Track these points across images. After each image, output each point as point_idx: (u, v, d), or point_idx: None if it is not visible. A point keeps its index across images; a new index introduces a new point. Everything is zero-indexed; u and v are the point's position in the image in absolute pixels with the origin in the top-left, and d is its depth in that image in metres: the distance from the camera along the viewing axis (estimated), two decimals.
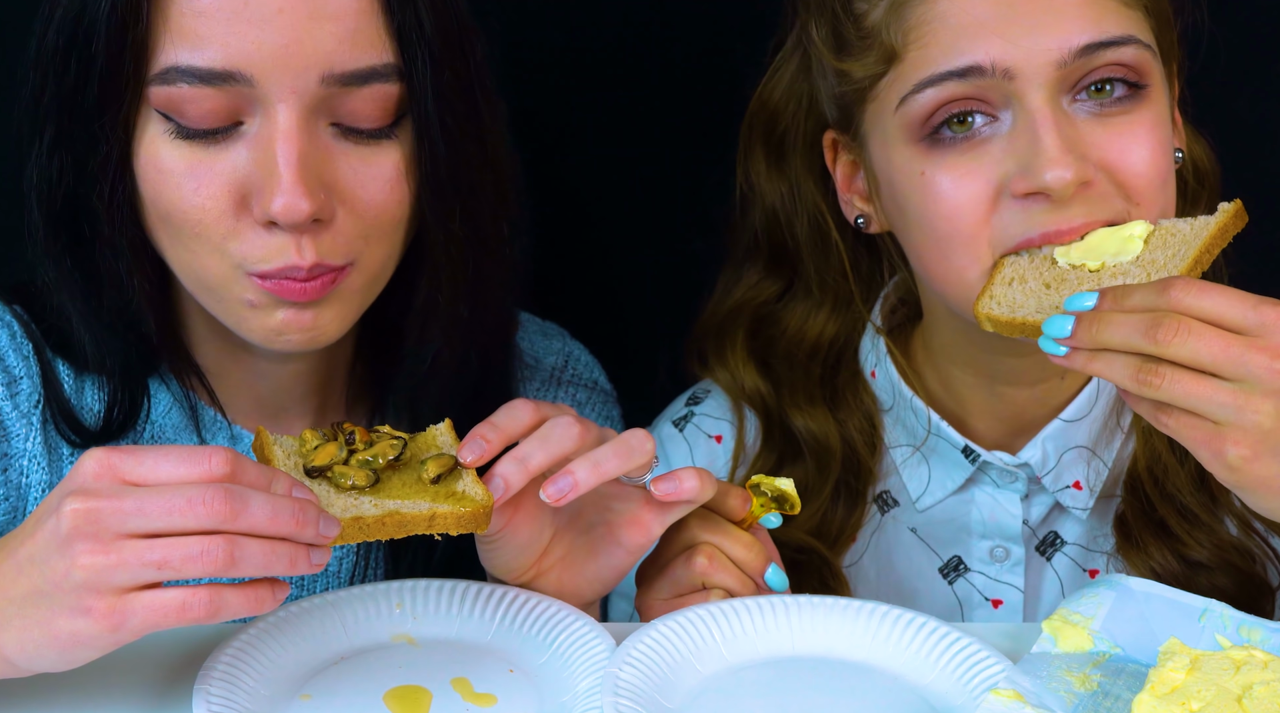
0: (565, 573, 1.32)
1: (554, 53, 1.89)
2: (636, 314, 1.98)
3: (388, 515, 1.19)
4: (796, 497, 1.35)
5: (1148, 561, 1.46)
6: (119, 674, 1.23)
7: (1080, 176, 1.32)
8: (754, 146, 1.58)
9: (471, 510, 1.21)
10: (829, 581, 1.53)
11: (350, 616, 1.27)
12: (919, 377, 1.56)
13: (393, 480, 1.24)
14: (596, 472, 1.25)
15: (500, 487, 1.23)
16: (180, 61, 1.25)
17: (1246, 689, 1.13)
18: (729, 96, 1.65)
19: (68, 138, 1.30)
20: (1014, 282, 1.33)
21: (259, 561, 1.09)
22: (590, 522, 1.32)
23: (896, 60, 1.39)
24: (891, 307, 1.59)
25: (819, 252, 1.58)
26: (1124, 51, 1.34)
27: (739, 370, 1.61)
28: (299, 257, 1.27)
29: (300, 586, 1.49)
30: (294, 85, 1.25)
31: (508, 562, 1.31)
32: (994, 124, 1.36)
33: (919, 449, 1.55)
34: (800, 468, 1.57)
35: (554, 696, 1.20)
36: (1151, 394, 1.18)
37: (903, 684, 1.23)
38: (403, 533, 1.20)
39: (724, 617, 1.27)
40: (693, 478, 1.28)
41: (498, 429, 1.26)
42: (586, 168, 1.93)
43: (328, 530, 1.13)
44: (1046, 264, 1.33)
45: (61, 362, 1.44)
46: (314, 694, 1.20)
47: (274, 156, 1.25)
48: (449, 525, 1.21)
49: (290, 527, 1.11)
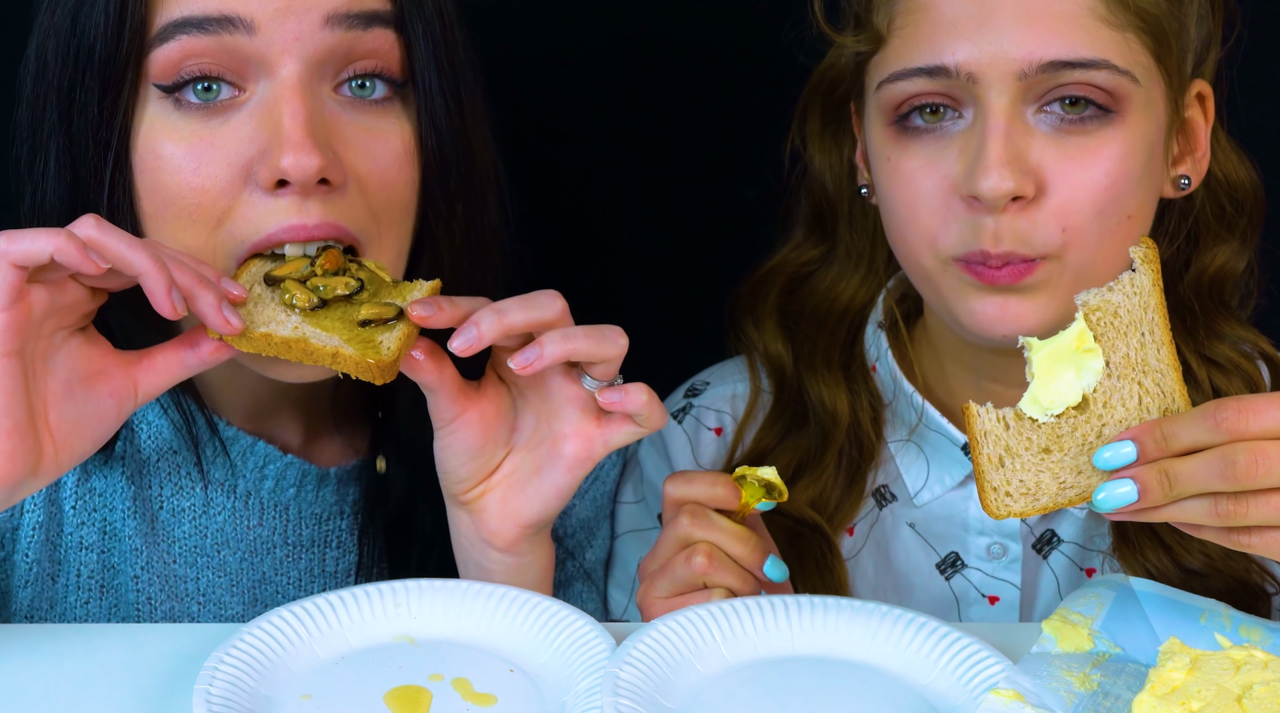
0: (509, 490, 1.33)
1: (550, 46, 1.89)
2: (635, 311, 1.98)
3: (296, 340, 1.22)
4: (783, 484, 1.35)
5: (1144, 563, 1.46)
6: (119, 675, 1.23)
7: (1016, 189, 1.31)
8: (813, 107, 1.58)
9: (370, 361, 1.21)
10: (828, 556, 1.54)
11: (351, 615, 1.27)
12: (921, 369, 1.56)
13: (334, 312, 1.25)
14: (565, 345, 1.25)
15: (473, 336, 1.23)
16: (176, 15, 1.25)
17: (1246, 689, 1.13)
18: (729, 97, 1.66)
19: (73, 146, 1.30)
20: (1003, 460, 1.23)
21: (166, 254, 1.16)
22: (539, 438, 1.32)
23: (882, 44, 1.40)
24: (899, 297, 1.59)
25: (855, 218, 1.59)
26: (1095, 74, 1.33)
27: (764, 326, 1.62)
28: (300, 215, 1.26)
29: (298, 585, 1.50)
30: (296, 30, 1.25)
31: (459, 466, 1.32)
32: (959, 120, 1.36)
33: (916, 443, 1.55)
34: (805, 436, 1.57)
35: (554, 695, 1.20)
36: (1240, 523, 1.15)
37: (903, 684, 1.23)
38: (308, 361, 1.22)
39: (724, 617, 1.27)
40: (640, 393, 1.29)
41: (455, 304, 1.26)
42: (582, 163, 1.93)
43: (230, 316, 1.19)
44: (1021, 423, 1.23)
45: None
46: (314, 694, 1.20)
47: (280, 116, 1.25)
48: (349, 367, 1.22)
49: (192, 279, 1.17)
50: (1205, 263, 1.51)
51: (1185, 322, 1.50)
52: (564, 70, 1.87)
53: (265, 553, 1.49)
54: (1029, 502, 1.21)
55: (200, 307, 1.19)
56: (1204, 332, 1.50)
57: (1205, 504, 1.15)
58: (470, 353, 1.24)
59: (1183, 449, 1.16)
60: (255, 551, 1.48)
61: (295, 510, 1.49)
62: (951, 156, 1.36)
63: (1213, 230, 1.50)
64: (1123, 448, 1.18)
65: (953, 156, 1.36)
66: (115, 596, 1.45)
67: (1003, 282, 1.34)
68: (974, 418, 1.23)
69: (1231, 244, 1.51)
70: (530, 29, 1.83)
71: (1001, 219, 1.32)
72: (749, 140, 1.65)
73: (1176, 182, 1.44)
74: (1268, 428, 1.14)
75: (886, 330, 1.58)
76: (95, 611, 1.45)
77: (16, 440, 1.15)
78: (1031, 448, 1.22)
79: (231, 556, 1.48)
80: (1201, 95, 1.44)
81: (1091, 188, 1.34)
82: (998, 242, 1.33)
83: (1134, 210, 1.37)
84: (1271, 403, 1.15)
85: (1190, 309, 1.50)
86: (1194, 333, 1.50)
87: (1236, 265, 1.51)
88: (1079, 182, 1.33)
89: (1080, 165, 1.33)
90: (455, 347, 1.24)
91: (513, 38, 1.37)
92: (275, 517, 1.48)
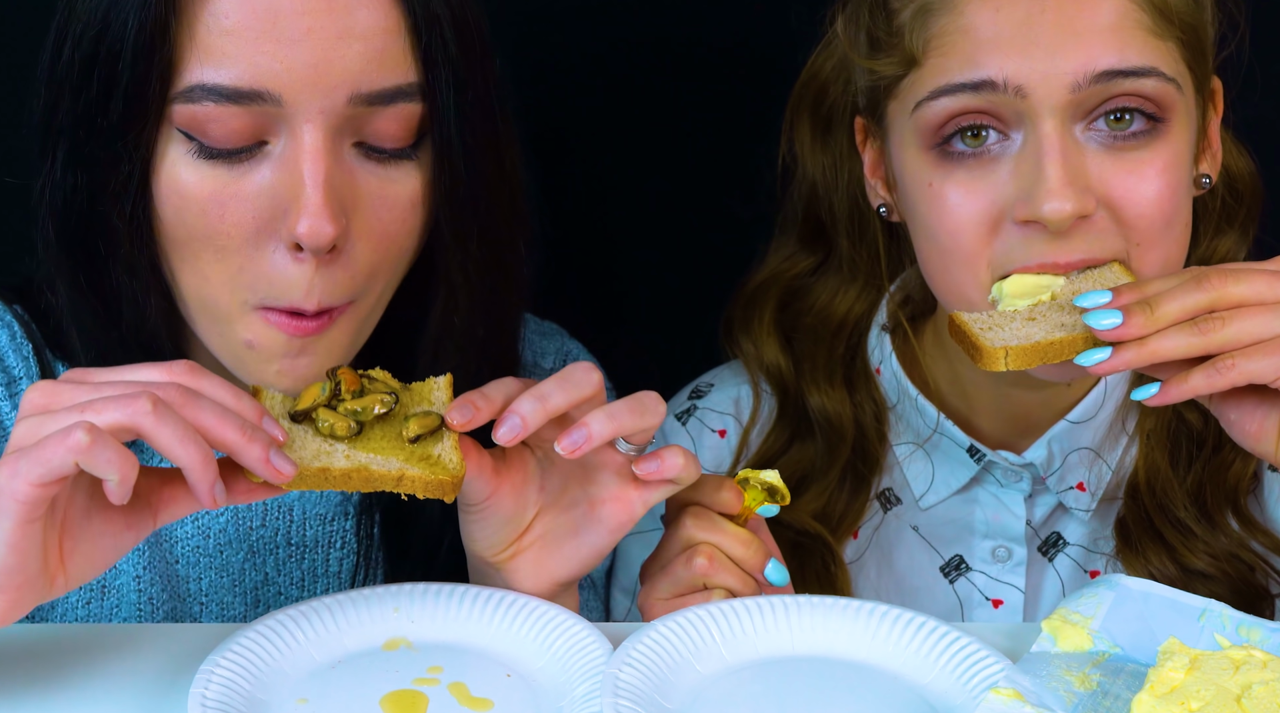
0: (544, 552, 1.31)
1: (563, 52, 1.89)
2: (636, 313, 1.98)
3: (356, 470, 1.20)
4: (786, 488, 1.35)
5: (1147, 565, 1.46)
6: (115, 678, 1.23)
7: (1079, 210, 1.31)
8: (801, 118, 1.58)
9: (441, 479, 1.20)
10: (830, 566, 1.53)
11: (347, 619, 1.27)
12: (928, 372, 1.55)
13: (374, 431, 1.24)
14: (612, 424, 1.24)
15: (517, 425, 1.22)
16: (206, 80, 1.24)
17: (1246, 689, 1.12)
18: (728, 105, 1.65)
19: (85, 155, 1.29)
20: (993, 327, 1.28)
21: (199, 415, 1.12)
22: (573, 499, 1.31)
23: (915, 66, 1.38)
24: (901, 300, 1.59)
25: (855, 228, 1.58)
26: (1144, 83, 1.32)
27: (763, 342, 1.61)
28: (305, 299, 1.27)
29: (301, 586, 1.50)
30: (322, 105, 1.24)
31: (489, 535, 1.30)
32: (1005, 143, 1.35)
33: (922, 446, 1.55)
34: (810, 447, 1.57)
35: (551, 700, 1.20)
36: (1218, 336, 1.17)
37: (903, 684, 1.23)
38: (369, 489, 1.21)
39: (724, 617, 1.27)
40: (676, 456, 1.27)
41: (488, 398, 1.25)
42: (584, 166, 1.93)
43: (280, 465, 1.15)
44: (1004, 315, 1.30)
45: (61, 363, 1.44)
46: (310, 698, 1.19)
47: (300, 177, 1.25)
48: (417, 489, 1.21)
49: (236, 434, 1.13)
50: (1206, 254, 1.51)
51: None
52: (560, 73, 1.87)
53: (268, 554, 1.49)
54: (1021, 341, 1.25)
55: (248, 461, 1.16)
56: None
57: (1186, 328, 1.18)
58: (515, 443, 1.23)
59: (1156, 291, 1.21)
60: (258, 551, 1.48)
61: (299, 511, 1.49)
62: (1000, 180, 1.34)
63: (1213, 221, 1.50)
64: (1102, 293, 1.23)
65: (1002, 180, 1.34)
66: (117, 596, 1.46)
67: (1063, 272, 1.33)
68: (959, 317, 1.29)
69: (1231, 235, 1.51)
70: (524, 38, 1.83)
71: (1072, 239, 1.32)
72: (750, 142, 1.65)
73: (1198, 180, 1.44)
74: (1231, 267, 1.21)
75: (891, 333, 1.57)
76: (97, 611, 1.45)
77: (26, 590, 1.14)
78: (1017, 320, 1.28)
79: (234, 556, 1.48)
80: (1213, 91, 1.44)
81: (1157, 200, 1.34)
82: (1068, 254, 1.33)
83: (1187, 217, 1.38)
84: (1241, 265, 1.22)
85: None
86: None
87: (1236, 256, 1.52)
88: (1143, 195, 1.33)
89: (1140, 179, 1.33)
90: (499, 438, 1.22)
91: (506, 48, 1.37)
92: (278, 517, 1.48)
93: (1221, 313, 1.18)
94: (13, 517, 1.10)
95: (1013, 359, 1.25)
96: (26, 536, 1.11)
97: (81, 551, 1.16)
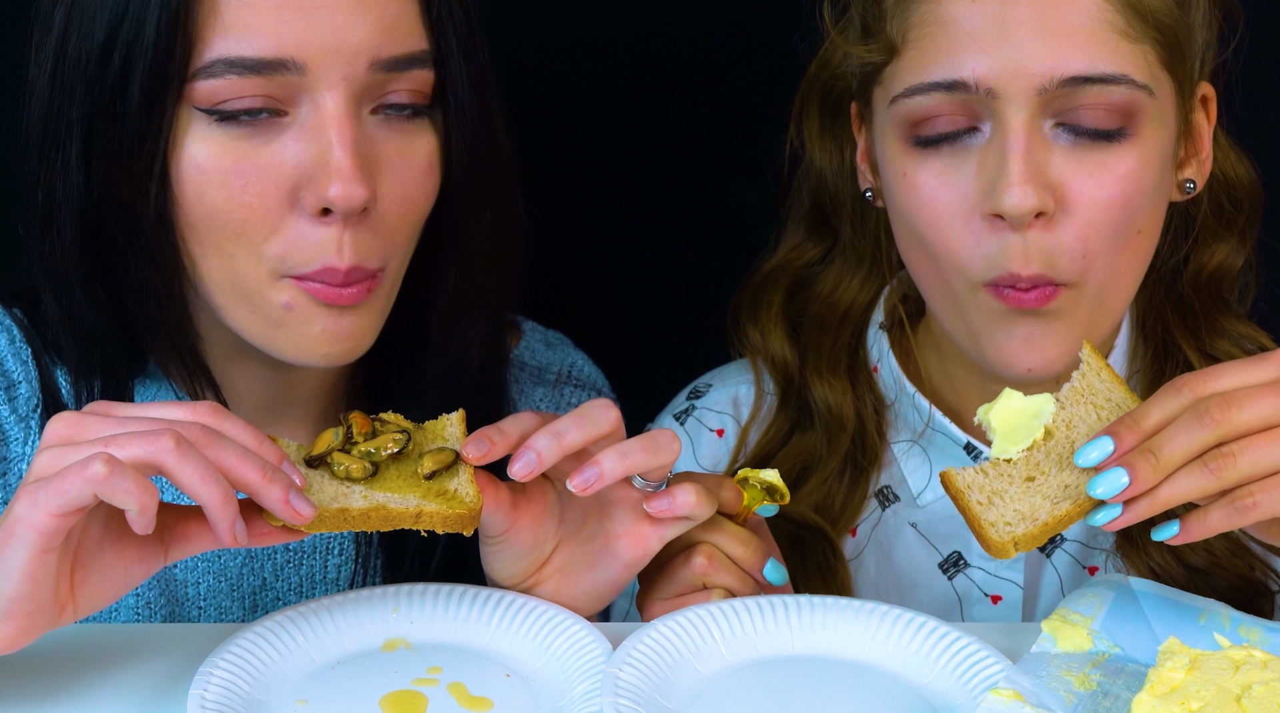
0: (563, 584, 1.31)
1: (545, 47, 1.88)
2: (637, 314, 1.98)
3: (374, 509, 1.20)
4: (785, 487, 1.35)
5: (1147, 561, 1.46)
6: (114, 679, 1.23)
7: (1039, 206, 1.31)
8: (810, 106, 1.58)
9: (458, 512, 1.21)
10: (831, 559, 1.53)
11: (346, 619, 1.27)
12: (923, 369, 1.56)
13: (389, 470, 1.24)
14: (624, 462, 1.24)
15: (533, 461, 1.22)
16: (230, 53, 1.26)
17: (1246, 689, 1.12)
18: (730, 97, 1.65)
19: (101, 147, 1.29)
20: (992, 500, 1.23)
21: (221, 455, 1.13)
22: (590, 533, 1.31)
23: (895, 55, 1.39)
24: (900, 297, 1.59)
25: (857, 216, 1.58)
26: (1113, 90, 1.32)
27: (770, 331, 1.61)
28: (338, 257, 1.29)
29: (299, 591, 1.50)
30: (344, 72, 1.27)
31: (508, 566, 1.30)
32: (976, 134, 1.36)
33: (918, 442, 1.55)
34: (811, 437, 1.57)
35: (550, 700, 1.20)
36: (1232, 474, 1.14)
37: (903, 684, 1.23)
38: (388, 527, 1.21)
39: (724, 617, 1.27)
40: (689, 495, 1.27)
41: (504, 433, 1.25)
42: (585, 167, 1.93)
43: (299, 507, 1.15)
44: (998, 467, 1.24)
45: (60, 368, 1.43)
46: (309, 699, 1.20)
47: (328, 143, 1.27)
48: (435, 524, 1.21)
49: (257, 475, 1.14)
50: (1204, 260, 1.51)
51: (1186, 320, 1.50)
52: (560, 72, 1.87)
53: (266, 558, 1.48)
54: (1028, 525, 1.20)
55: (268, 502, 1.16)
56: (1205, 329, 1.50)
57: (1197, 470, 1.14)
58: (530, 479, 1.23)
59: (1155, 426, 1.16)
60: (255, 556, 1.48)
61: None
62: (969, 172, 1.35)
63: (1211, 228, 1.50)
64: (1100, 443, 1.18)
65: (970, 172, 1.35)
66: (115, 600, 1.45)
67: (1029, 305, 1.34)
68: (954, 478, 1.23)
69: (1230, 241, 1.51)
70: (527, 30, 1.83)
71: (1028, 236, 1.32)
72: (751, 140, 1.65)
73: (1182, 186, 1.44)
74: (1228, 386, 1.15)
75: (888, 331, 1.57)
76: (95, 615, 1.45)
77: (36, 618, 1.14)
78: (1015, 482, 1.23)
79: (232, 561, 1.48)
80: (1204, 98, 1.44)
81: (1108, 206, 1.33)
82: (1027, 263, 1.32)
83: (1144, 224, 1.37)
84: (1226, 368, 1.16)
85: (1190, 307, 1.50)
86: (1195, 331, 1.50)
87: (1235, 262, 1.51)
88: (1096, 200, 1.33)
89: (1097, 183, 1.33)
90: (515, 473, 1.23)
91: (508, 39, 1.37)
92: None
93: (1230, 447, 1.14)
94: (30, 546, 1.10)
95: (1023, 545, 1.20)
96: (42, 565, 1.11)
97: (92, 582, 1.17)
